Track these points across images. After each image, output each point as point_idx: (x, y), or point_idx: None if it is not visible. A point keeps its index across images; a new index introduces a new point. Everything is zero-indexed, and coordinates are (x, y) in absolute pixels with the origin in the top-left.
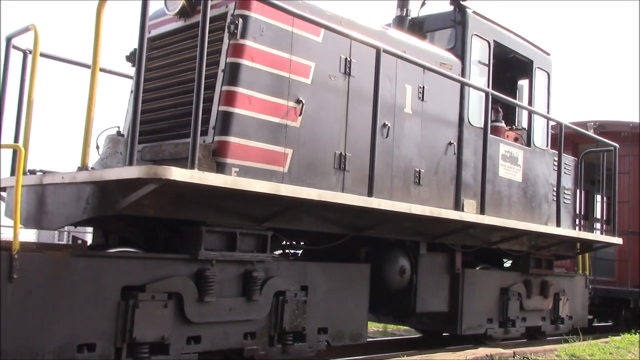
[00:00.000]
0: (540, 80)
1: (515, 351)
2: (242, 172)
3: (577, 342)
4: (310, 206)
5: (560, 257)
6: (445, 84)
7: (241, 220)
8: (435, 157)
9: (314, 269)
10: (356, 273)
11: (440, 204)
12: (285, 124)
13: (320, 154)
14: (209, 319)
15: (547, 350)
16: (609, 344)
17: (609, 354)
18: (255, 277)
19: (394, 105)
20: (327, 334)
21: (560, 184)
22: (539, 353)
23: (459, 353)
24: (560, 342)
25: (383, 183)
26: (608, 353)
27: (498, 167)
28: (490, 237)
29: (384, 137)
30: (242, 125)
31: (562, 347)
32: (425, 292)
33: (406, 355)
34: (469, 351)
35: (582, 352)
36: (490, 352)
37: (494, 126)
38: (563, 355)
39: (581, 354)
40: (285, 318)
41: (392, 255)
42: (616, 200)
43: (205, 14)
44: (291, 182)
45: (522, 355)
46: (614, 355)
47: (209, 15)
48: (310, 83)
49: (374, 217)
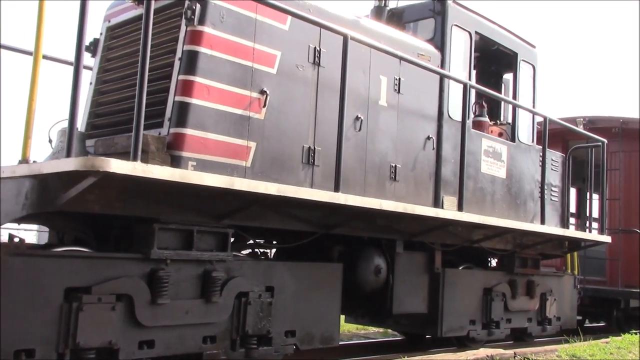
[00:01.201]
0: (525, 74)
1: (516, 352)
2: (199, 166)
3: (578, 342)
4: (274, 202)
5: (548, 256)
6: (423, 76)
7: (199, 217)
8: (413, 152)
9: (280, 268)
10: (327, 273)
11: (418, 200)
12: (248, 115)
13: (286, 148)
14: (163, 322)
15: (547, 350)
16: (610, 344)
17: (609, 354)
18: (214, 277)
19: (367, 97)
20: (295, 337)
21: (544, 180)
22: (539, 353)
23: (460, 353)
24: (561, 343)
25: (356, 178)
26: (609, 353)
27: (480, 162)
28: (472, 236)
29: (357, 131)
30: (200, 117)
31: (563, 347)
32: (402, 292)
33: (407, 356)
34: (469, 352)
35: (583, 352)
36: (490, 352)
37: (477, 121)
38: (564, 355)
39: (582, 354)
40: (248, 320)
41: (367, 254)
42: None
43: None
44: (254, 177)
45: (522, 356)
46: (615, 355)
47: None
48: (275, 73)
49: (344, 214)
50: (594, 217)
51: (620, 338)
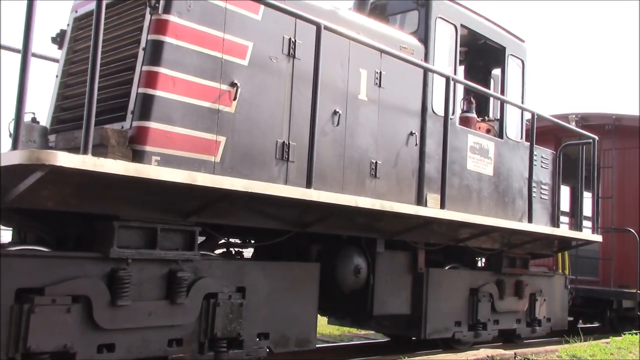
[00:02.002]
0: (513, 69)
1: (516, 352)
2: (164, 161)
3: (578, 342)
4: (244, 200)
5: (537, 255)
6: (406, 70)
7: (164, 214)
8: (395, 148)
9: (253, 268)
10: (303, 273)
11: (401, 198)
12: (217, 109)
13: (259, 143)
14: (124, 324)
15: (548, 350)
16: (610, 344)
17: (610, 354)
18: (180, 277)
19: (346, 91)
20: (269, 339)
21: (532, 177)
22: (540, 354)
23: (460, 354)
24: (562, 343)
25: (334, 175)
26: (609, 353)
27: (466, 159)
28: (457, 234)
29: (335, 126)
30: (165, 110)
31: (563, 348)
32: (383, 293)
33: (407, 356)
34: (469, 352)
35: (583, 352)
36: (491, 352)
37: (464, 117)
38: (564, 355)
39: (582, 355)
40: (217, 323)
41: (346, 253)
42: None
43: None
44: (224, 172)
45: (523, 356)
46: (615, 355)
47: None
48: (247, 65)
49: (319, 212)
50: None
51: (620, 338)
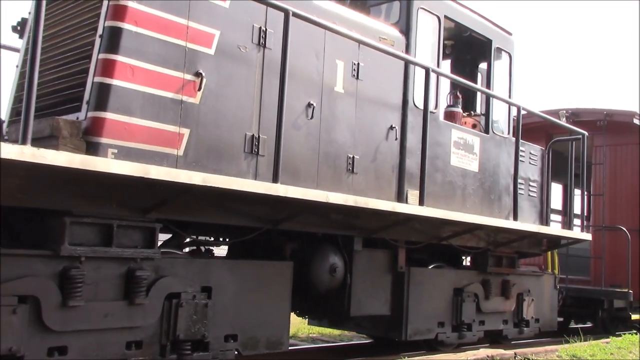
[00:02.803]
0: (500, 62)
1: (516, 352)
2: (122, 154)
3: (578, 342)
4: (210, 195)
5: (525, 254)
6: (386, 62)
7: (122, 210)
8: (373, 143)
9: (219, 267)
10: (275, 272)
11: (380, 194)
12: (181, 99)
13: (226, 136)
14: (77, 326)
15: (548, 350)
16: (610, 344)
17: (610, 354)
18: (139, 276)
19: (321, 82)
20: (237, 341)
21: (517, 173)
22: (540, 353)
23: (460, 354)
24: (562, 343)
25: (308, 170)
26: (609, 353)
27: (450, 155)
28: (439, 232)
29: (309, 119)
30: (123, 100)
31: (564, 348)
32: (361, 293)
33: (407, 356)
34: (469, 352)
35: (584, 352)
36: (491, 352)
37: (449, 111)
38: (564, 355)
39: (582, 354)
40: (179, 324)
41: (321, 251)
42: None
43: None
44: (187, 166)
45: (523, 356)
46: (615, 355)
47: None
48: (213, 54)
49: (290, 208)
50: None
51: (620, 338)
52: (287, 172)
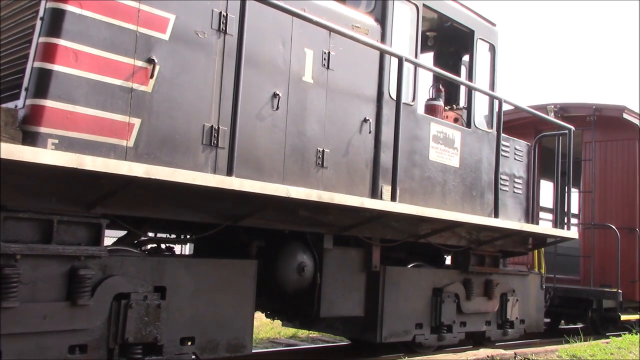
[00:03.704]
0: (483, 54)
1: (516, 352)
2: (64, 144)
3: (578, 342)
4: (160, 189)
5: (510, 253)
6: (359, 52)
7: (64, 205)
8: (345, 136)
9: (175, 266)
10: (238, 271)
11: (353, 190)
12: (131, 87)
13: (182, 127)
14: (12, 329)
15: (548, 350)
16: (610, 344)
17: (610, 354)
18: (82, 276)
19: (288, 72)
20: (194, 344)
21: (498, 168)
22: (540, 353)
23: (460, 354)
24: (562, 343)
25: (273, 164)
26: (609, 353)
27: (429, 149)
28: (417, 230)
29: (274, 110)
30: (65, 87)
31: (563, 348)
32: (332, 293)
33: (407, 357)
34: (469, 352)
35: (584, 352)
36: (491, 352)
37: (430, 105)
38: (564, 355)
39: (582, 354)
40: (129, 326)
41: (288, 250)
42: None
43: None
44: (138, 158)
45: (523, 356)
46: (615, 355)
47: None
48: (168, 39)
49: (251, 204)
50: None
51: (620, 338)
52: (249, 166)
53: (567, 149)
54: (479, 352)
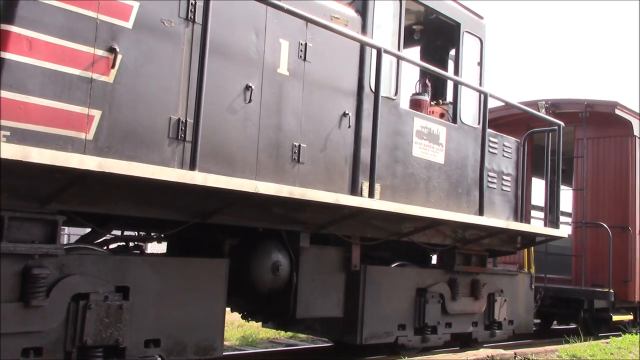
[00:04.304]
0: (470, 47)
1: (516, 352)
2: (16, 136)
3: (578, 342)
4: (120, 184)
5: (498, 252)
6: (338, 43)
7: (17, 200)
8: (323, 131)
9: (139, 265)
10: (207, 270)
11: (331, 186)
12: (90, 77)
13: (146, 119)
14: None
15: (548, 350)
16: (610, 344)
17: (610, 354)
18: (36, 275)
19: (262, 63)
20: (160, 347)
21: (483, 164)
22: (540, 354)
23: (460, 354)
24: (562, 343)
25: (245, 159)
26: (609, 353)
27: (412, 145)
28: (399, 228)
29: (246, 102)
30: (18, 76)
31: (563, 348)
32: (309, 293)
33: (407, 357)
34: (469, 352)
35: (584, 352)
36: (491, 352)
37: (415, 99)
38: (564, 355)
39: (582, 355)
40: (87, 328)
41: (262, 248)
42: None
43: None
44: (98, 152)
45: (523, 356)
46: (615, 355)
47: None
48: (131, 28)
49: (219, 200)
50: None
51: (620, 338)
52: (219, 161)
53: (557, 146)
54: (478, 352)
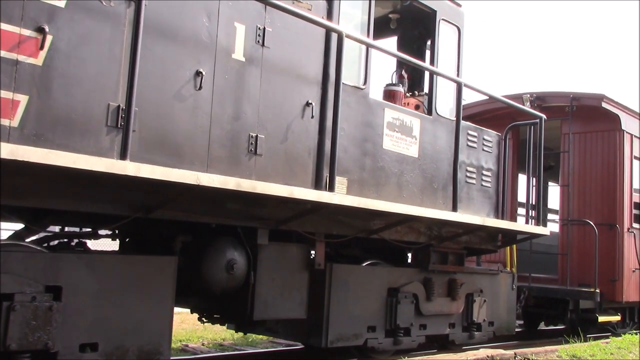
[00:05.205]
0: (446, 36)
1: (516, 352)
2: None
3: (578, 342)
4: (52, 176)
5: (477, 251)
6: (301, 29)
7: None
8: (284, 121)
9: (73, 263)
10: (153, 268)
11: (292, 180)
12: (16, 59)
13: (81, 106)
14: None
15: (548, 350)
16: (610, 344)
17: (610, 354)
18: None
19: (214, 48)
20: (98, 351)
21: (457, 157)
22: (540, 354)
23: (460, 354)
24: (562, 343)
25: (194, 150)
26: (609, 353)
27: (382, 137)
28: (368, 224)
29: (196, 89)
30: None
31: (563, 348)
32: (268, 293)
33: (407, 357)
34: (469, 352)
35: (584, 352)
36: (491, 352)
37: (388, 90)
38: (564, 355)
39: (582, 354)
40: (11, 332)
41: (216, 245)
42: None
43: None
44: (25, 140)
45: (523, 356)
46: (615, 355)
47: None
48: (64, 7)
49: (162, 193)
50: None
51: (620, 338)
52: (165, 151)
53: (537, 139)
54: (478, 352)
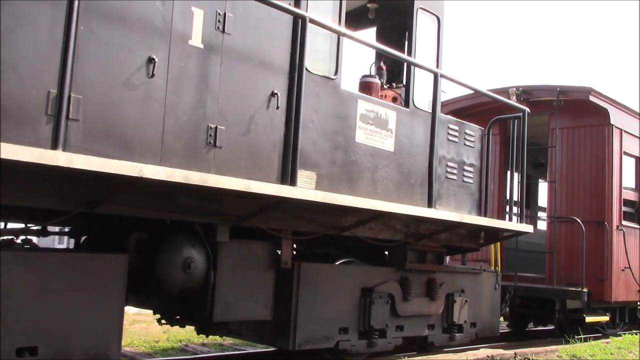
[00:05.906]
0: (425, 26)
1: (516, 352)
2: None
3: (578, 342)
4: None
5: (457, 249)
6: (265, 15)
7: None
8: (246, 112)
9: (8, 261)
10: (101, 267)
11: (256, 174)
12: None
13: (16, 93)
14: None
15: (548, 350)
16: (610, 344)
17: (610, 354)
18: None
19: (168, 34)
20: (37, 355)
21: (433, 151)
22: (540, 354)
23: (460, 354)
24: (562, 343)
25: (145, 142)
26: (609, 353)
27: (355, 130)
28: (338, 221)
29: (149, 77)
30: None
31: (563, 348)
32: (228, 293)
33: (407, 357)
34: (469, 352)
35: (584, 352)
36: (491, 352)
37: (364, 82)
38: (564, 355)
39: (582, 354)
40: None
41: (171, 243)
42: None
43: None
44: None
45: (523, 356)
46: (615, 355)
47: None
48: None
49: (104, 186)
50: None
51: (620, 338)
52: (112, 142)
53: (520, 133)
54: (478, 352)
